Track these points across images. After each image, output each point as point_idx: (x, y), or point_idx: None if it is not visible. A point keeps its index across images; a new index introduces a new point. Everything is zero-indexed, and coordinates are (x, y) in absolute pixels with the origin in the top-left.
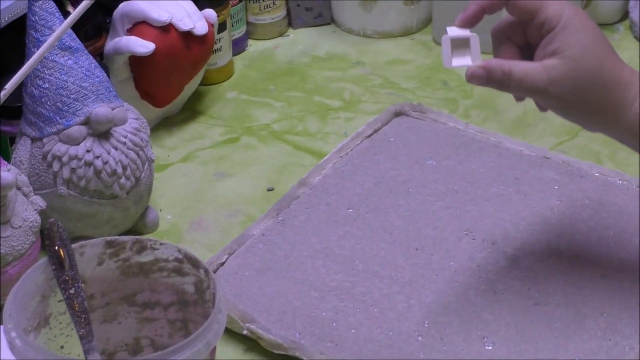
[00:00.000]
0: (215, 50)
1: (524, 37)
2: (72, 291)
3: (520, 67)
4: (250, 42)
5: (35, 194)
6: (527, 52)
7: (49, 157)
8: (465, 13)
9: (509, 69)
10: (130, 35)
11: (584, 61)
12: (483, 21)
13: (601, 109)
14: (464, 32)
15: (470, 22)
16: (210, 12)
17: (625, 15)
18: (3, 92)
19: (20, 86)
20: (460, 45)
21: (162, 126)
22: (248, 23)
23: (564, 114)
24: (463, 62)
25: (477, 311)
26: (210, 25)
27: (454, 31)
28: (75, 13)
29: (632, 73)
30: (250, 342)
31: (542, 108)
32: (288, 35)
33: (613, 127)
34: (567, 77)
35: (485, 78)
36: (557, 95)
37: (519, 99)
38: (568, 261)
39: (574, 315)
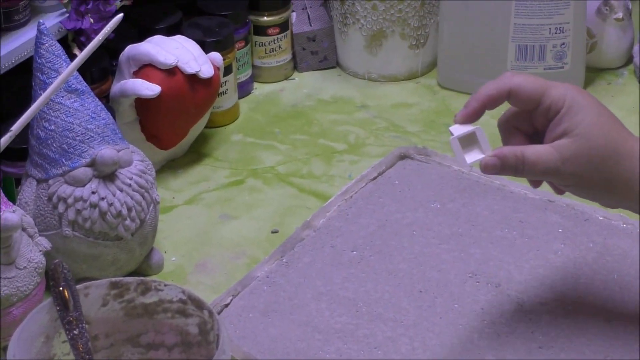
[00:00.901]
0: (220, 93)
1: (530, 124)
2: (76, 332)
3: (531, 150)
4: (255, 85)
5: (40, 235)
6: (536, 139)
7: (55, 199)
8: (466, 110)
9: (522, 153)
10: (137, 78)
11: (593, 136)
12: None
13: (616, 181)
14: (468, 128)
15: (471, 119)
16: (216, 56)
17: (629, 59)
18: (9, 134)
19: (26, 128)
20: (468, 141)
21: (167, 168)
22: (254, 66)
23: (580, 192)
24: (476, 157)
25: (481, 354)
26: (216, 68)
27: (457, 129)
28: (82, 56)
29: None
30: None
31: (559, 190)
32: (293, 79)
33: (630, 200)
34: (579, 154)
35: (499, 166)
36: (571, 173)
37: (535, 183)
38: (572, 304)
39: (577, 358)
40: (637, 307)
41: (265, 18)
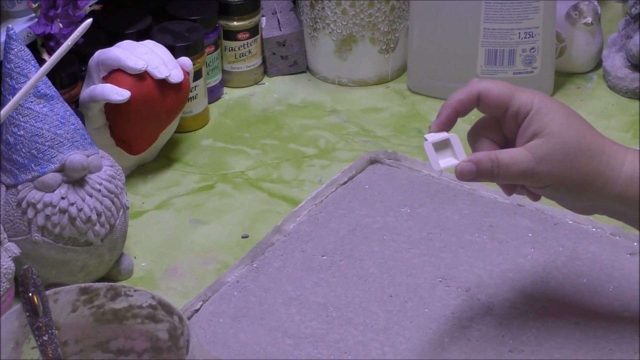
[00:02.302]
0: (190, 98)
1: (500, 133)
2: (45, 338)
3: (505, 153)
4: (225, 90)
5: (9, 241)
6: (506, 147)
7: (24, 204)
8: (439, 119)
9: (496, 156)
10: (106, 82)
11: (565, 134)
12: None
13: (591, 177)
14: (443, 135)
15: (445, 127)
16: (185, 60)
17: (598, 64)
18: None
19: None
20: (442, 147)
21: (137, 173)
22: (224, 71)
23: (556, 194)
24: (450, 162)
25: (451, 358)
26: (186, 73)
27: (432, 136)
28: (51, 61)
29: (612, 143)
30: None
31: (535, 196)
32: (263, 84)
33: (602, 197)
34: (552, 152)
35: (475, 171)
36: (546, 172)
37: (509, 189)
38: (542, 308)
39: None
40: (606, 311)
41: (235, 23)
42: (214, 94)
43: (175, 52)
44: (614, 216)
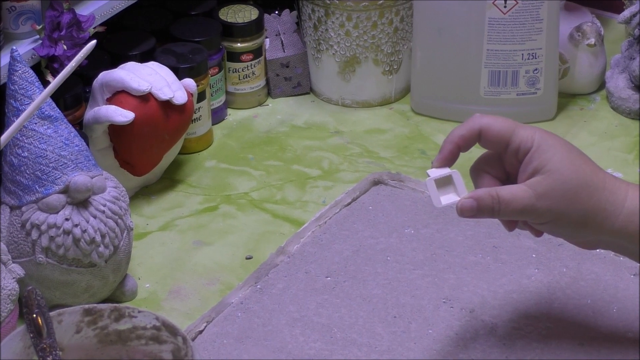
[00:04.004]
0: (194, 119)
1: (501, 169)
2: (50, 359)
3: (506, 190)
4: (229, 111)
5: (13, 262)
6: (507, 184)
7: (28, 226)
8: (441, 154)
9: (497, 193)
10: (110, 104)
11: (565, 170)
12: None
13: (591, 213)
14: (445, 171)
15: (447, 162)
16: (189, 82)
17: (601, 85)
18: None
19: None
20: (444, 183)
21: (141, 195)
22: (227, 92)
23: (557, 229)
24: (451, 199)
25: None
26: (190, 94)
27: (434, 172)
28: (55, 82)
29: (614, 179)
30: None
31: (537, 232)
32: (267, 105)
33: (603, 232)
34: (552, 188)
35: (476, 208)
36: (547, 209)
37: (510, 225)
38: (546, 329)
39: None
40: (610, 332)
41: (238, 44)
42: (217, 116)
43: (179, 74)
44: (615, 250)
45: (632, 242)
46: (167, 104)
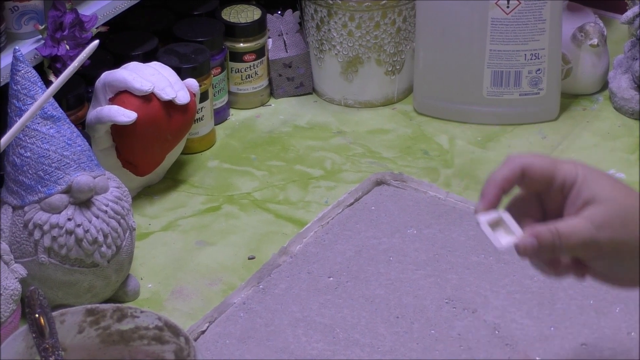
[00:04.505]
0: (197, 119)
1: (539, 208)
2: (52, 359)
3: (564, 224)
4: (232, 111)
5: (16, 262)
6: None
7: (30, 226)
8: (486, 199)
9: (555, 228)
10: (112, 104)
11: (619, 198)
12: None
13: None
14: (494, 214)
15: (492, 207)
16: (192, 82)
17: (604, 85)
18: None
19: (2, 155)
20: (496, 225)
21: (143, 195)
22: (230, 92)
23: (613, 263)
24: (510, 240)
25: None
26: (192, 94)
27: (484, 216)
28: (58, 82)
29: None
30: None
31: (582, 276)
32: (270, 105)
33: None
34: (610, 217)
35: (536, 245)
36: (608, 239)
37: (556, 270)
38: (548, 330)
39: None
40: (613, 332)
41: (241, 44)
42: (220, 116)
43: (182, 74)
44: None
45: None
46: (170, 104)
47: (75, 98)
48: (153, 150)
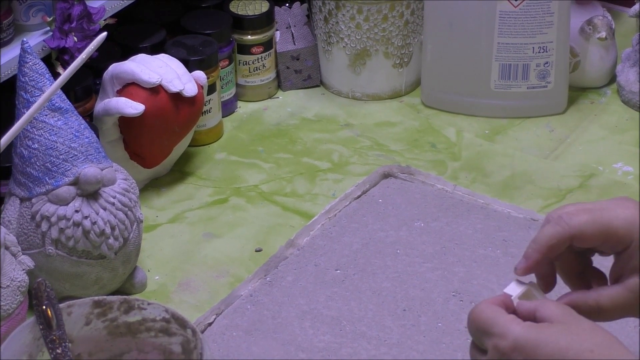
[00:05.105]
0: (204, 111)
1: (574, 260)
2: (59, 351)
3: (606, 296)
4: (239, 103)
5: (23, 254)
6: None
7: (38, 217)
8: (527, 263)
9: (595, 302)
10: (120, 96)
11: None
12: None
13: None
14: (522, 287)
15: (533, 272)
16: (199, 74)
17: (612, 79)
18: None
19: (10, 146)
20: (525, 296)
21: (150, 187)
22: (237, 85)
23: None
24: None
25: None
26: (200, 87)
27: (513, 289)
28: (65, 74)
29: None
30: None
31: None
32: (277, 97)
33: None
34: None
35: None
36: None
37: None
38: None
39: None
40: (619, 326)
41: (249, 37)
42: (227, 108)
43: (190, 66)
44: None
45: None
46: (178, 96)
47: (83, 90)
48: (160, 142)
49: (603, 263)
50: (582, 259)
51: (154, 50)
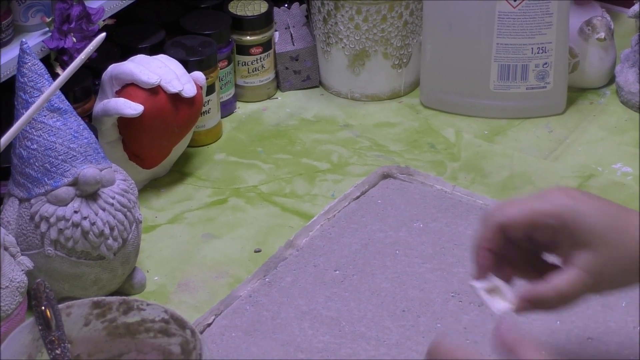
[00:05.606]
0: (203, 112)
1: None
2: (58, 352)
3: (562, 280)
4: (238, 104)
5: (22, 255)
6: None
7: (37, 218)
8: (478, 267)
9: (555, 291)
10: (119, 97)
11: (611, 234)
12: None
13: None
14: (487, 282)
15: (487, 272)
16: (198, 75)
17: (611, 79)
18: None
19: (9, 147)
20: (490, 290)
21: (150, 187)
22: (236, 85)
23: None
24: (504, 305)
25: None
26: (199, 87)
27: (479, 283)
28: (64, 75)
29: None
30: None
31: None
32: (276, 98)
33: None
34: (604, 264)
35: (532, 307)
36: (609, 284)
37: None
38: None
39: None
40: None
41: (248, 37)
42: (226, 109)
43: (189, 67)
44: None
45: None
46: (177, 97)
47: (82, 91)
48: (160, 143)
49: None
50: (534, 256)
51: (153, 51)
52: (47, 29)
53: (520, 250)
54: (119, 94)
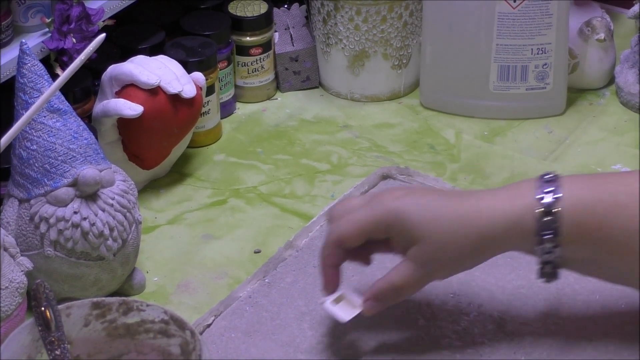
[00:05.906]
0: (203, 113)
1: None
2: (58, 352)
3: (395, 274)
4: (238, 105)
5: (22, 255)
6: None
7: (36, 219)
8: (326, 285)
9: (389, 283)
10: (119, 97)
11: (432, 228)
12: None
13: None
14: (335, 294)
15: (335, 287)
16: (198, 75)
17: (611, 80)
18: None
19: (8, 148)
20: (339, 300)
21: (149, 188)
22: (236, 86)
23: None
24: (353, 312)
25: None
26: (199, 88)
27: (327, 298)
28: (64, 75)
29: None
30: None
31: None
32: (276, 99)
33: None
34: (434, 252)
35: (379, 305)
36: (441, 270)
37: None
38: (554, 325)
39: None
40: (618, 328)
41: (248, 38)
42: (226, 109)
43: (188, 67)
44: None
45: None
46: (176, 98)
47: (82, 91)
48: (159, 143)
49: None
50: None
51: (152, 52)
52: (47, 29)
53: (367, 248)
54: (118, 94)
